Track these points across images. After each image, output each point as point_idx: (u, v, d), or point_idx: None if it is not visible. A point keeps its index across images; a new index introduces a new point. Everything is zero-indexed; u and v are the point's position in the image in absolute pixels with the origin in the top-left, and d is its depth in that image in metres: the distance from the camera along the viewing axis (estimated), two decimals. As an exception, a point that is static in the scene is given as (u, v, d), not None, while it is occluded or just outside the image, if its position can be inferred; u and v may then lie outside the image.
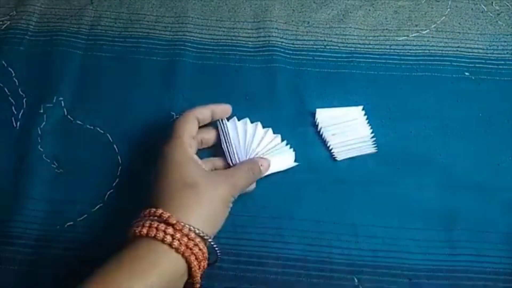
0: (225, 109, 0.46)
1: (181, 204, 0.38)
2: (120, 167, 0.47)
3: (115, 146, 0.49)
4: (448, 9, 0.56)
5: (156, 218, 0.37)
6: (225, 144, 0.46)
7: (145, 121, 0.50)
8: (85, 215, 0.45)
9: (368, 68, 0.53)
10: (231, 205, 0.41)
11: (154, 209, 0.37)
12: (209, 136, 0.46)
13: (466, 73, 0.52)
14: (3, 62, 0.53)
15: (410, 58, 0.53)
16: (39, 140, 0.49)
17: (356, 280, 0.42)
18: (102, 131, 0.49)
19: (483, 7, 0.56)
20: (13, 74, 0.52)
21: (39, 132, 0.49)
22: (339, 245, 0.44)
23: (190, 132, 0.43)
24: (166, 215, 0.36)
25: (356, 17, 0.56)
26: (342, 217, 0.45)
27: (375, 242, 0.44)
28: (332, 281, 0.42)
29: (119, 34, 0.55)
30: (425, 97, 0.51)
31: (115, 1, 0.58)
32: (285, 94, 0.51)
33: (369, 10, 0.57)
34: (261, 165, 0.44)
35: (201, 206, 0.38)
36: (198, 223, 0.37)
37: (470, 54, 0.53)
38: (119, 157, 0.48)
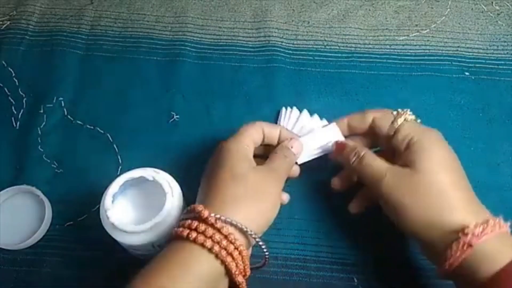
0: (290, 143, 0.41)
1: (227, 198, 0.35)
2: (120, 167, 0.47)
3: (115, 146, 0.49)
4: (448, 9, 0.56)
5: (195, 214, 0.34)
6: None
7: (145, 121, 0.50)
8: (85, 215, 0.45)
9: (368, 68, 0.53)
10: (279, 201, 0.39)
11: (195, 205, 0.34)
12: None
13: (466, 73, 0.52)
14: (3, 62, 0.53)
15: (410, 58, 0.53)
16: (39, 140, 0.49)
17: (356, 280, 0.42)
18: (102, 131, 0.49)
19: (483, 7, 0.56)
20: (13, 74, 0.53)
21: (39, 132, 0.49)
22: (339, 245, 0.44)
23: (252, 136, 0.40)
24: (205, 212, 0.33)
25: (356, 17, 0.56)
26: (342, 217, 0.45)
27: (375, 241, 0.44)
28: (332, 281, 0.42)
29: (119, 34, 0.55)
30: (425, 97, 0.51)
31: (115, 1, 0.58)
32: (285, 94, 0.51)
33: (369, 10, 0.57)
34: (291, 147, 0.41)
35: (248, 201, 0.35)
36: (245, 220, 0.34)
37: (470, 54, 0.53)
38: (119, 157, 0.48)
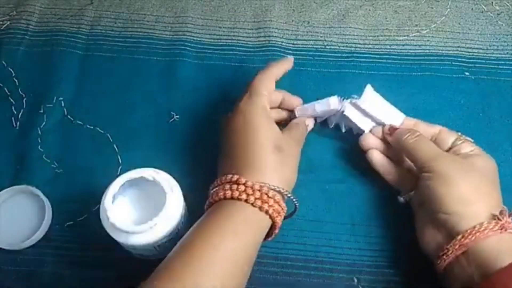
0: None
1: (268, 168, 0.39)
2: (120, 167, 0.47)
3: (115, 146, 0.49)
4: (448, 9, 0.56)
5: (232, 183, 0.38)
6: None
7: (145, 121, 0.50)
8: (85, 215, 0.45)
9: (368, 68, 0.53)
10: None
11: (232, 176, 0.38)
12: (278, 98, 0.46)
13: (466, 73, 0.52)
14: (3, 62, 0.53)
15: (410, 58, 0.53)
16: (39, 140, 0.49)
17: (355, 280, 0.42)
18: (102, 131, 0.49)
19: (483, 7, 0.56)
20: (13, 74, 0.53)
21: (39, 132, 0.49)
22: (339, 245, 0.44)
23: (270, 90, 0.43)
24: (248, 182, 0.37)
25: (356, 17, 0.56)
26: (342, 217, 0.45)
27: (375, 242, 0.44)
28: (332, 281, 0.42)
29: (119, 34, 0.55)
30: (425, 97, 0.51)
31: (115, 1, 0.58)
32: (285, 94, 0.51)
33: (369, 10, 0.56)
34: (307, 124, 0.46)
35: (284, 168, 0.40)
36: (281, 183, 0.39)
37: (470, 54, 0.53)
38: (119, 157, 0.48)
